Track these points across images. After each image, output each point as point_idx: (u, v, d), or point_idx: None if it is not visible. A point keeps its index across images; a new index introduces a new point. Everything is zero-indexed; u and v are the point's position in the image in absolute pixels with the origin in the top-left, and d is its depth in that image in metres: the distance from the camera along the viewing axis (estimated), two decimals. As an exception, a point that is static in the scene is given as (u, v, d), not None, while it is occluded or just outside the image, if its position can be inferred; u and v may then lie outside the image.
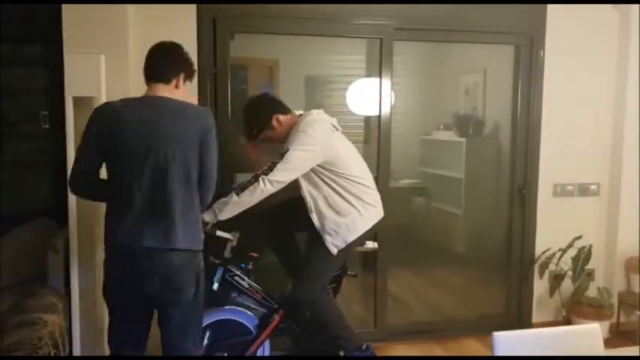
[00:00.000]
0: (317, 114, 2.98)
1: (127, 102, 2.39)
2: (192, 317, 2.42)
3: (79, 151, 2.37)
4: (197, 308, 2.43)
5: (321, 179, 2.90)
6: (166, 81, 2.40)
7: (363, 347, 3.07)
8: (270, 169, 2.74)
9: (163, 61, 2.42)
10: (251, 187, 2.73)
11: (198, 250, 2.40)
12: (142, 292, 2.31)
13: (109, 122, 2.30)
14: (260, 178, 2.73)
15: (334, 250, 2.92)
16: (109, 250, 2.36)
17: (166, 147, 2.27)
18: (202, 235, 2.44)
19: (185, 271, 2.33)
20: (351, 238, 2.94)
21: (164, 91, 2.39)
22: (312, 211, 2.91)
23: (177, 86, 2.42)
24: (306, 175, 2.88)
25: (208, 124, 2.36)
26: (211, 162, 2.38)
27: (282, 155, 2.77)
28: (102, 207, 3.14)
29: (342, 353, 3.07)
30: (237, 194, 2.74)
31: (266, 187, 2.73)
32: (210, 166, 2.38)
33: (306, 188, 2.91)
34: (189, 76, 2.49)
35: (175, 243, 2.28)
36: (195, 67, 2.56)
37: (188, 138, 2.31)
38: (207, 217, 2.76)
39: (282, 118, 2.99)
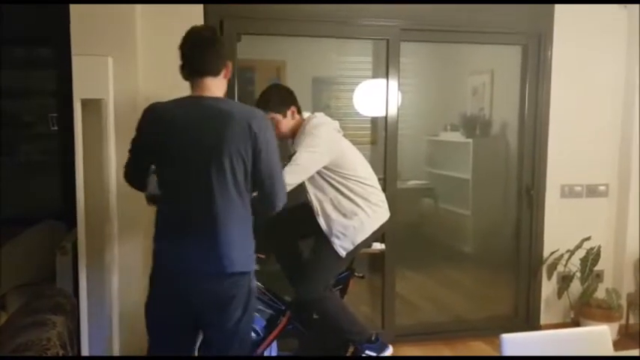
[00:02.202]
0: (321, 116, 2.99)
1: (179, 102, 2.21)
2: (234, 341, 2.23)
3: (129, 154, 2.28)
4: (242, 332, 2.24)
5: (328, 182, 2.90)
6: (216, 73, 2.19)
7: (373, 338, 3.07)
8: None
9: (208, 50, 2.19)
10: None
11: (249, 272, 2.20)
12: (188, 315, 2.18)
13: (159, 124, 2.16)
14: None
15: (343, 253, 2.92)
16: (155, 268, 2.22)
17: (209, 158, 2.09)
18: (253, 254, 2.25)
19: (232, 296, 2.15)
20: (359, 240, 2.94)
21: (212, 85, 2.19)
22: (318, 215, 2.91)
23: (225, 76, 2.24)
24: (312, 179, 2.89)
25: (261, 130, 2.12)
26: (268, 167, 2.17)
27: (290, 157, 2.78)
28: (110, 209, 3.18)
29: (351, 349, 3.06)
30: None
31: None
32: (269, 179, 2.18)
33: (312, 192, 2.92)
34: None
35: (222, 267, 2.11)
36: None
37: (234, 143, 2.09)
38: None
39: (296, 114, 3.01)
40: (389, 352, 3.10)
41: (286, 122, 2.98)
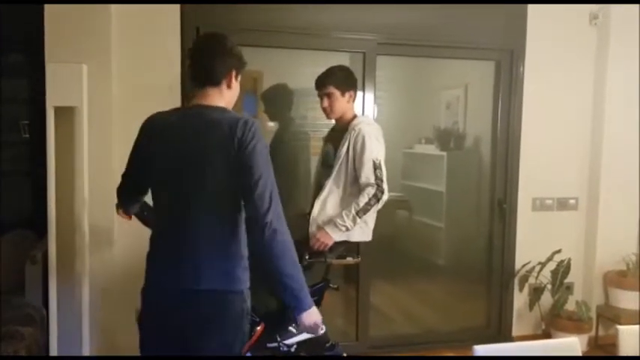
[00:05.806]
0: (369, 120, 3.15)
1: (171, 113, 2.10)
2: None
3: (127, 165, 2.18)
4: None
5: (347, 182, 2.95)
6: (216, 83, 2.04)
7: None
8: (379, 186, 2.90)
9: (209, 59, 2.05)
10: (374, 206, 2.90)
11: (234, 291, 2.01)
12: (170, 334, 2.02)
13: (150, 137, 2.05)
14: (377, 198, 2.90)
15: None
16: (145, 285, 2.08)
17: (190, 169, 1.95)
18: (244, 273, 2.05)
19: (213, 316, 1.98)
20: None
21: (213, 95, 2.04)
22: (318, 200, 2.95)
23: (229, 86, 2.07)
24: (339, 173, 2.95)
25: (245, 136, 1.91)
26: (256, 180, 1.91)
27: (374, 169, 2.92)
28: (82, 218, 3.13)
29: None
30: (360, 217, 2.88)
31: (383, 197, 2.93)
32: (255, 185, 1.90)
33: (330, 183, 2.96)
34: (240, 72, 2.12)
35: (201, 283, 1.95)
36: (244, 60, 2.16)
37: (216, 156, 1.94)
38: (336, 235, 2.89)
39: (352, 100, 3.07)
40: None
41: (341, 102, 3.03)
